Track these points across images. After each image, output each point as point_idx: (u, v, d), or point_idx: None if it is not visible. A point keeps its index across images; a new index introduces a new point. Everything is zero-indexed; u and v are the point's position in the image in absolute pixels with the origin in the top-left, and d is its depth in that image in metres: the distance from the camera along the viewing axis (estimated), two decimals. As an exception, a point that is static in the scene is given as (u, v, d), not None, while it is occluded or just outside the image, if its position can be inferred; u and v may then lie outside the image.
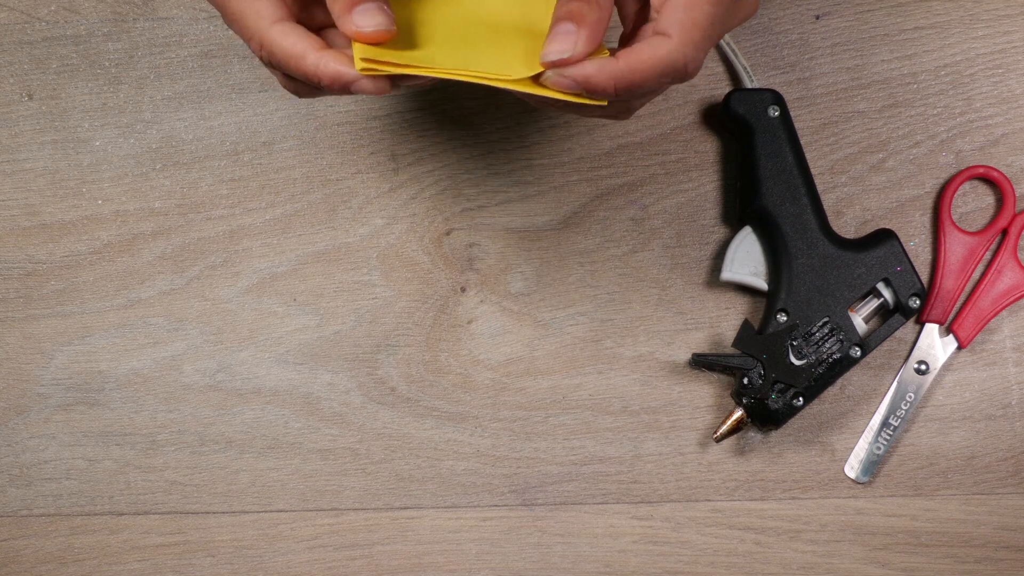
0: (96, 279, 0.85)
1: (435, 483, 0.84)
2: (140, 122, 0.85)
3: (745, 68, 0.83)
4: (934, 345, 0.84)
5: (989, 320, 0.83)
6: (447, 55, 0.67)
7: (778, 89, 0.83)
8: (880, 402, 0.84)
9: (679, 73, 0.64)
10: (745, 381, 0.80)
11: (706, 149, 0.85)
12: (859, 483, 0.84)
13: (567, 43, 0.63)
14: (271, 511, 0.84)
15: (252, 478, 0.84)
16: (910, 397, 0.83)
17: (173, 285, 0.85)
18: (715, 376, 0.84)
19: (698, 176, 0.85)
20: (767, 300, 0.82)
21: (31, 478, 0.85)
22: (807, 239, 0.81)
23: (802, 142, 0.82)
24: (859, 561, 0.83)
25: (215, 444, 0.85)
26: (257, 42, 0.66)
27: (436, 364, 0.85)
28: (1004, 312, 0.84)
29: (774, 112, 0.81)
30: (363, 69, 0.64)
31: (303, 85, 0.67)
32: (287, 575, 0.84)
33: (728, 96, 0.82)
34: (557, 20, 0.64)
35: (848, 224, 0.84)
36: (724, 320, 0.84)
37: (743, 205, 0.82)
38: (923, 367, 0.84)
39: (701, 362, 0.82)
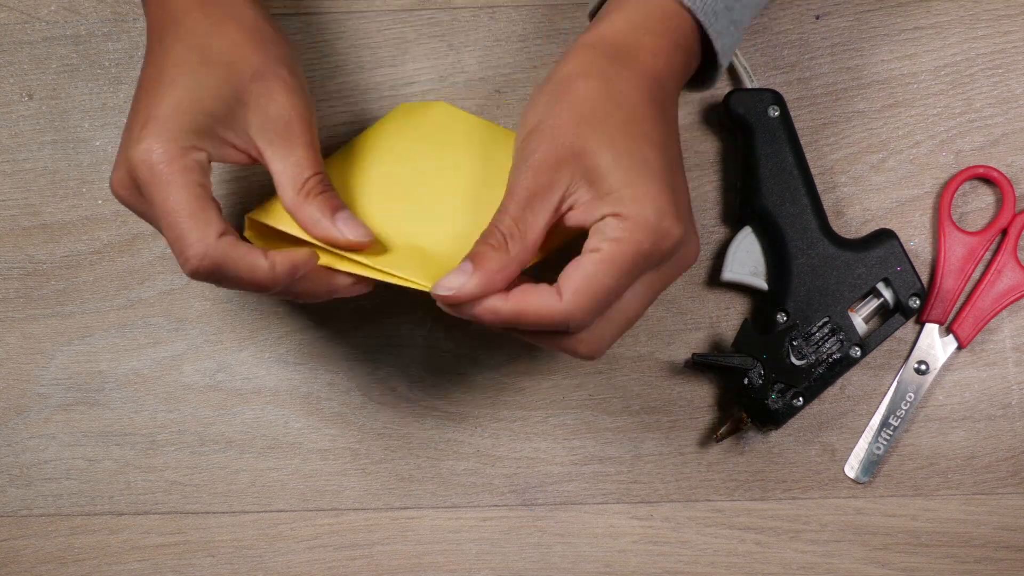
0: (96, 279, 0.85)
1: (435, 483, 0.84)
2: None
3: (745, 68, 0.83)
4: (934, 345, 0.84)
5: (989, 320, 0.83)
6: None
7: (778, 89, 0.83)
8: (880, 402, 0.84)
9: (560, 328, 0.67)
10: (745, 381, 0.80)
11: (706, 149, 0.85)
12: (859, 483, 0.84)
13: (456, 281, 0.67)
14: (271, 511, 0.84)
15: (252, 478, 0.84)
16: (910, 397, 0.83)
17: (173, 285, 0.85)
18: (715, 376, 0.84)
19: (698, 176, 0.85)
20: (767, 300, 0.82)
21: (31, 478, 0.85)
22: (807, 239, 0.81)
23: (802, 142, 0.82)
24: (859, 561, 0.83)
25: (215, 444, 0.85)
26: (201, 251, 0.68)
27: (436, 364, 0.85)
28: (1004, 312, 0.84)
29: (774, 112, 0.81)
30: (324, 263, 0.71)
31: (245, 286, 0.70)
32: (287, 575, 0.84)
33: (728, 96, 0.82)
34: (466, 256, 0.68)
35: (848, 224, 0.84)
36: (724, 320, 0.84)
37: (743, 205, 0.82)
38: (923, 367, 0.84)
39: (701, 362, 0.82)
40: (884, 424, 0.83)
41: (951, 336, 0.84)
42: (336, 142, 0.85)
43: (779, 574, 0.84)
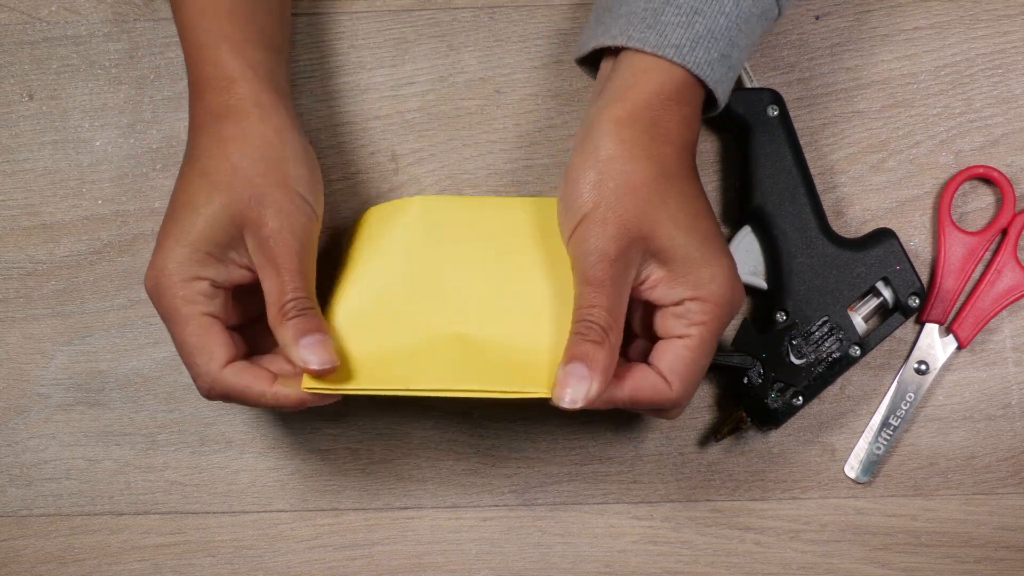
0: (96, 279, 0.85)
1: (435, 483, 0.84)
2: (140, 122, 0.85)
3: (745, 68, 0.83)
4: (934, 345, 0.84)
5: (989, 320, 0.83)
6: (408, 372, 0.74)
7: (778, 89, 0.83)
8: (880, 402, 0.84)
9: (667, 412, 0.74)
10: (745, 381, 0.80)
11: (706, 149, 0.85)
12: (859, 483, 0.84)
13: (581, 391, 0.70)
14: (271, 511, 0.84)
15: (252, 478, 0.84)
16: (910, 397, 0.83)
17: (173, 285, 0.85)
18: (715, 375, 0.84)
19: (700, 176, 0.84)
20: (766, 299, 0.82)
21: (31, 478, 0.85)
22: (806, 238, 0.81)
23: (802, 142, 0.82)
24: (859, 561, 0.83)
25: (215, 444, 0.85)
26: (208, 382, 0.73)
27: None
28: (1004, 312, 0.84)
29: (773, 112, 0.81)
30: (307, 388, 0.74)
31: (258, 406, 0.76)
32: (287, 575, 0.84)
33: (727, 96, 0.82)
34: (570, 359, 0.71)
35: (848, 224, 0.84)
36: (724, 320, 0.84)
37: (742, 205, 0.82)
38: (923, 367, 0.83)
39: (701, 362, 0.82)
40: (884, 424, 0.83)
41: (951, 336, 0.84)
42: (336, 141, 0.85)
43: (779, 574, 0.84)
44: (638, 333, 0.76)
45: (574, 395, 0.70)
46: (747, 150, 0.81)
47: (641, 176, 0.71)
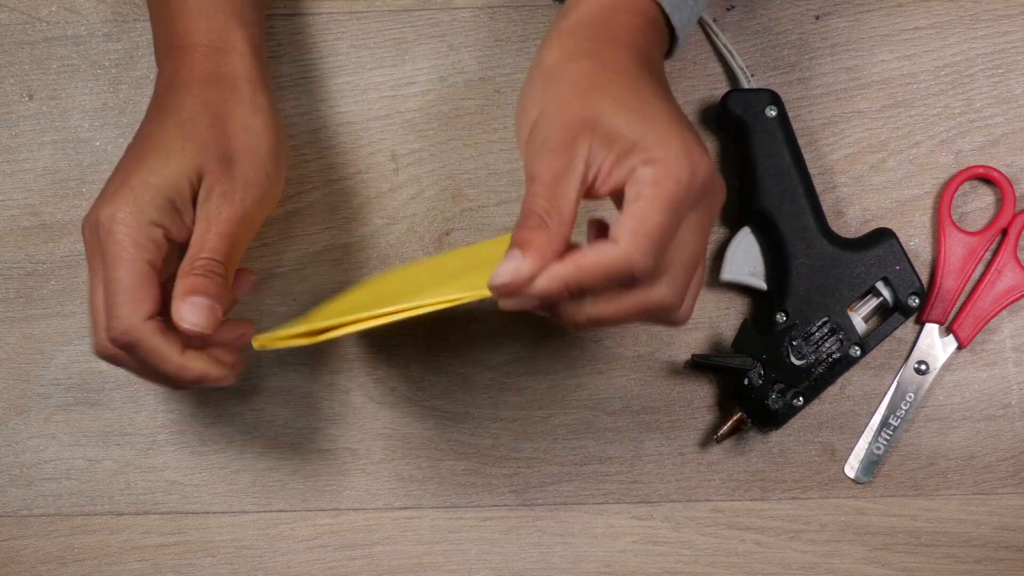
0: (96, 279, 0.85)
1: (435, 483, 0.84)
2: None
3: (742, 68, 0.83)
4: (934, 345, 0.84)
5: (989, 320, 0.83)
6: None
7: (778, 89, 0.83)
8: (880, 402, 0.84)
9: (625, 275, 0.66)
10: (745, 381, 0.80)
11: (711, 146, 0.85)
12: (859, 483, 0.84)
13: (510, 267, 0.66)
14: (271, 511, 0.84)
15: (252, 478, 0.84)
16: (910, 397, 0.83)
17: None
18: (715, 376, 0.84)
19: (698, 176, 0.84)
20: (766, 300, 0.82)
21: (31, 478, 0.85)
22: (806, 239, 0.80)
23: (802, 142, 0.82)
24: (859, 561, 0.83)
25: (215, 444, 0.85)
26: (121, 329, 0.71)
27: (436, 364, 0.85)
28: (1004, 312, 0.84)
29: (771, 112, 0.81)
30: (258, 343, 0.72)
31: (149, 371, 0.74)
32: (287, 575, 0.84)
33: (725, 97, 0.82)
34: (510, 247, 0.67)
35: (848, 224, 0.84)
36: (724, 320, 0.84)
37: (741, 205, 0.82)
38: (923, 367, 0.83)
39: (701, 363, 0.82)
40: (884, 424, 0.83)
41: (951, 336, 0.83)
42: (336, 141, 0.85)
43: (779, 574, 0.84)
44: None
45: (504, 272, 0.66)
46: (746, 151, 0.81)
47: (583, 72, 0.69)
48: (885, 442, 0.83)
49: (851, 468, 0.84)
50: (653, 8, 0.72)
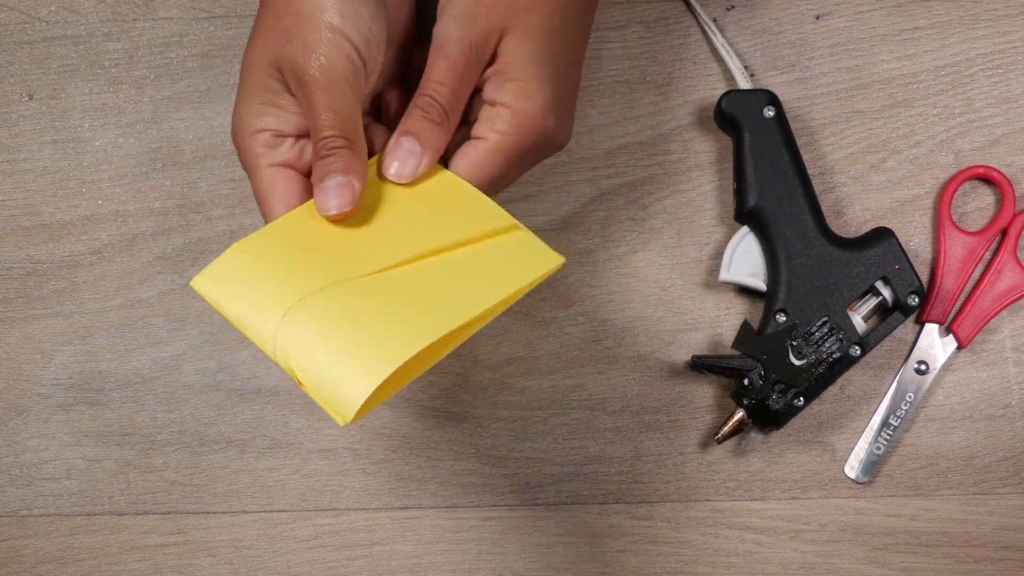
0: (96, 279, 0.85)
1: (435, 483, 0.84)
2: (140, 122, 0.85)
3: (740, 69, 0.83)
4: (934, 345, 0.84)
5: (989, 320, 0.83)
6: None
7: (778, 89, 0.83)
8: (880, 402, 0.84)
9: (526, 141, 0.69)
10: (745, 382, 0.80)
11: (706, 149, 0.85)
12: (859, 483, 0.84)
13: (409, 165, 0.69)
14: (271, 511, 0.84)
15: (252, 478, 0.84)
16: (910, 397, 0.83)
17: (173, 285, 0.85)
18: (715, 377, 0.84)
19: (698, 176, 0.85)
20: (766, 300, 0.82)
21: (31, 478, 0.85)
22: (805, 239, 0.81)
23: (802, 142, 0.82)
24: (859, 561, 0.83)
25: (215, 444, 0.85)
26: (250, 165, 0.70)
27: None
28: (1004, 312, 0.84)
29: (769, 112, 0.81)
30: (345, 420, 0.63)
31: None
32: (287, 575, 0.84)
33: (722, 98, 0.82)
34: (405, 131, 0.69)
35: (848, 224, 0.84)
36: (724, 321, 0.84)
37: (740, 206, 0.82)
38: (923, 367, 0.84)
39: (701, 364, 0.82)
40: (884, 424, 0.83)
41: (951, 336, 0.84)
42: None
43: (779, 574, 0.84)
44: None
45: (401, 169, 0.69)
46: (744, 151, 0.81)
47: None
48: (885, 442, 0.83)
49: (851, 468, 0.84)
50: None
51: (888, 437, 0.83)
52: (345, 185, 0.68)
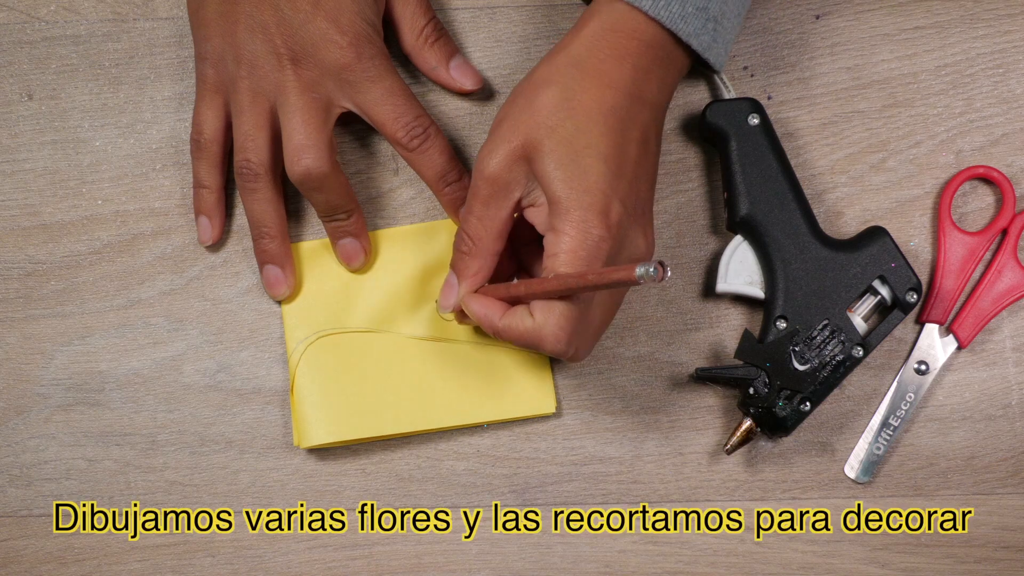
0: (96, 279, 0.85)
1: (435, 483, 0.84)
2: (140, 122, 0.85)
3: (722, 79, 0.83)
4: (934, 345, 0.84)
5: (989, 320, 0.83)
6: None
7: (778, 89, 0.83)
8: (880, 402, 0.84)
9: (535, 344, 0.73)
10: (751, 391, 0.80)
11: (706, 150, 0.85)
12: (859, 483, 0.84)
13: (452, 298, 0.77)
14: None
15: (252, 478, 0.84)
16: (910, 397, 0.83)
17: (173, 285, 0.85)
18: (720, 387, 0.84)
19: (698, 177, 0.85)
20: (765, 308, 0.81)
21: (31, 478, 0.85)
22: (799, 244, 0.80)
23: (802, 142, 0.82)
24: (859, 561, 0.84)
25: (215, 444, 0.85)
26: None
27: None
28: (1004, 312, 0.84)
29: (754, 120, 0.81)
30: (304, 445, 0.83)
31: None
32: (287, 575, 0.84)
33: (706, 109, 0.81)
34: (450, 269, 0.78)
35: (848, 224, 0.84)
36: (724, 331, 0.84)
37: (732, 215, 0.81)
38: (923, 367, 0.84)
39: (705, 376, 0.81)
40: (884, 424, 0.83)
41: (951, 336, 0.84)
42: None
43: (779, 574, 0.84)
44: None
45: (443, 302, 0.78)
46: (731, 161, 0.81)
47: (547, 100, 0.73)
48: (885, 442, 0.83)
49: (851, 468, 0.84)
50: (653, 29, 0.74)
51: (888, 437, 0.83)
52: (468, 64, 0.83)
